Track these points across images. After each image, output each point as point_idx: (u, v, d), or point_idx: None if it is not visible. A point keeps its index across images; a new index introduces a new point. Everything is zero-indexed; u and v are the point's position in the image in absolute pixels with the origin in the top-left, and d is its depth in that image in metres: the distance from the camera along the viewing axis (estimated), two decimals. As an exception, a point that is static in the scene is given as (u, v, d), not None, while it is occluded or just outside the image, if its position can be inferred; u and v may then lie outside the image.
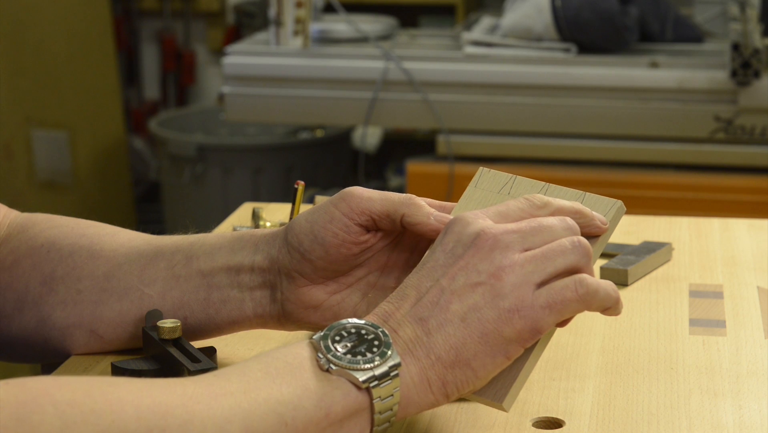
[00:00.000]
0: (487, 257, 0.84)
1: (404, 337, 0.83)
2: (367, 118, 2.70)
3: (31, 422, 0.69)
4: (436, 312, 0.83)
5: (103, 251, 1.02)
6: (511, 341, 0.83)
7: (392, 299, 0.85)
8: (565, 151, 2.66)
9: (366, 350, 0.81)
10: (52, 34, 3.66)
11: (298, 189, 1.16)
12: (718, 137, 2.58)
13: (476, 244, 0.84)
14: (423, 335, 0.82)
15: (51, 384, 0.72)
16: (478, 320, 0.83)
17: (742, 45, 2.47)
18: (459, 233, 0.85)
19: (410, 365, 0.82)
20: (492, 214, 0.87)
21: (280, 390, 0.78)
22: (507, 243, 0.84)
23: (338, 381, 0.80)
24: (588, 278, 0.85)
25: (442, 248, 0.85)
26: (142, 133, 4.11)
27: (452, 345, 0.82)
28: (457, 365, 0.83)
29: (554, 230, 0.86)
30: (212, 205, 3.40)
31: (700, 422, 0.92)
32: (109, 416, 0.71)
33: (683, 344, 1.07)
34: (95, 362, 1.02)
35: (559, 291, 0.84)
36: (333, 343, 0.81)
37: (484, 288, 0.83)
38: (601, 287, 0.85)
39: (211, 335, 1.01)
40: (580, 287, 0.84)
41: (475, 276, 0.83)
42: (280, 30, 2.76)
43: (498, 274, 0.83)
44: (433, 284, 0.84)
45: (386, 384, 0.80)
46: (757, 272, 1.26)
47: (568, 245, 0.85)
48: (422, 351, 0.82)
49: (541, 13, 2.64)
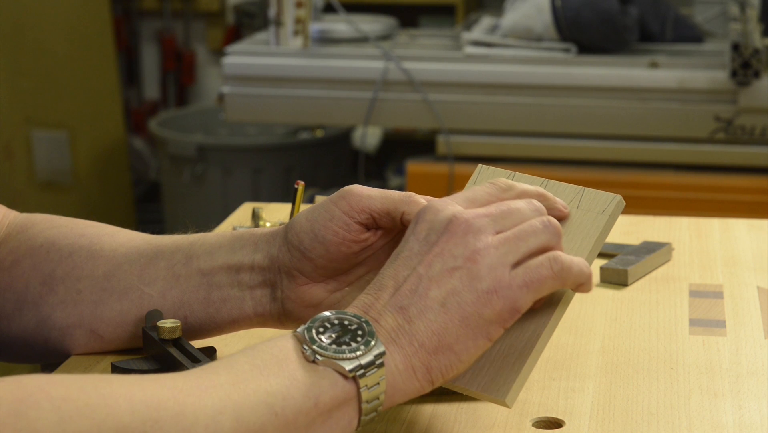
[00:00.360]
0: (461, 242, 0.84)
1: (386, 326, 0.83)
2: (367, 118, 2.70)
3: (28, 418, 0.69)
4: (415, 300, 0.83)
5: (102, 251, 1.02)
6: (491, 322, 0.84)
7: (370, 290, 0.86)
8: (565, 151, 2.66)
9: (350, 340, 0.81)
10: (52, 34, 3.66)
11: (298, 189, 1.16)
12: (718, 137, 2.59)
13: (449, 229, 0.85)
14: (405, 323, 0.83)
15: (45, 381, 0.72)
16: (458, 304, 0.83)
17: (742, 45, 2.47)
18: (431, 220, 0.86)
19: (394, 354, 0.82)
20: (461, 200, 0.88)
21: (268, 381, 0.79)
22: (479, 227, 0.85)
23: (325, 372, 0.80)
24: (561, 255, 0.86)
25: (415, 236, 0.86)
26: (142, 133, 4.11)
27: (434, 331, 0.83)
28: (440, 350, 0.83)
29: (523, 211, 0.87)
30: (212, 205, 3.41)
31: (700, 422, 0.92)
32: (103, 410, 0.72)
33: (683, 344, 1.07)
34: (95, 362, 1.02)
35: (534, 269, 0.85)
36: (317, 334, 0.81)
37: (461, 272, 0.84)
38: (574, 263, 0.86)
39: (212, 334, 1.01)
40: (554, 264, 0.85)
41: (452, 261, 0.84)
42: (280, 30, 2.76)
43: (473, 257, 0.84)
44: (411, 273, 0.84)
45: (372, 373, 0.81)
46: (757, 272, 1.26)
47: (539, 225, 0.86)
48: (405, 339, 0.83)
49: (541, 13, 2.64)
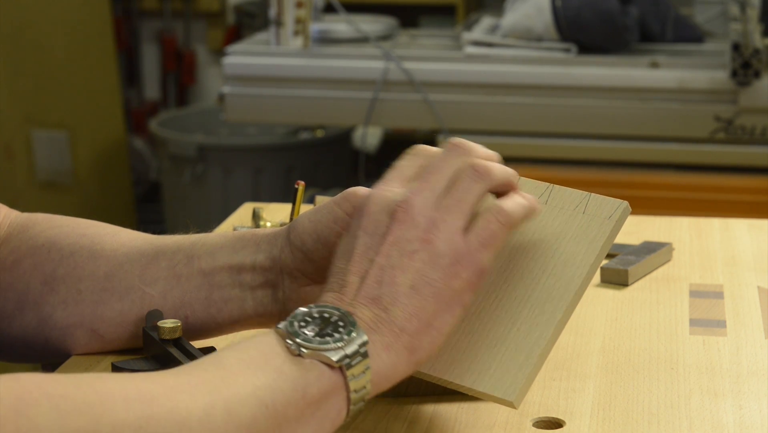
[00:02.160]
0: (411, 226, 0.86)
1: (364, 318, 0.84)
2: (367, 118, 2.70)
3: (28, 415, 0.70)
4: (385, 289, 0.85)
5: (103, 251, 1.02)
6: (462, 290, 0.86)
7: (332, 288, 0.87)
8: (565, 151, 2.66)
9: (333, 331, 0.82)
10: (52, 34, 3.66)
11: (298, 189, 1.16)
12: (719, 137, 2.58)
13: (396, 217, 0.87)
14: (381, 312, 0.85)
15: (42, 379, 0.73)
16: (427, 283, 0.85)
17: (743, 45, 2.47)
18: (375, 212, 0.88)
19: (377, 342, 0.84)
20: (394, 182, 0.90)
21: (256, 376, 0.79)
22: (422, 205, 0.87)
23: (311, 364, 0.81)
24: (504, 205, 0.88)
25: (363, 231, 0.87)
26: (142, 133, 4.11)
27: (412, 313, 0.85)
28: (422, 330, 0.85)
29: (450, 163, 0.90)
30: (212, 205, 3.40)
31: (700, 422, 0.92)
32: (100, 407, 0.72)
33: (683, 344, 1.07)
34: (95, 362, 1.02)
35: (485, 228, 0.87)
36: (300, 328, 0.82)
37: (420, 254, 0.86)
38: (517, 205, 0.89)
39: (212, 335, 1.01)
40: (500, 216, 0.88)
41: (408, 246, 0.86)
42: (281, 30, 2.76)
43: (427, 237, 0.86)
44: (370, 266, 0.86)
45: (357, 362, 0.82)
46: (757, 272, 1.26)
47: (468, 179, 0.88)
48: (385, 327, 0.84)
49: (542, 13, 2.64)
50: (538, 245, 0.94)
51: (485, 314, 0.92)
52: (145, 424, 0.73)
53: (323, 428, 0.81)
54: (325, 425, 0.81)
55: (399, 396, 0.95)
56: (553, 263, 0.92)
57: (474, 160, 0.90)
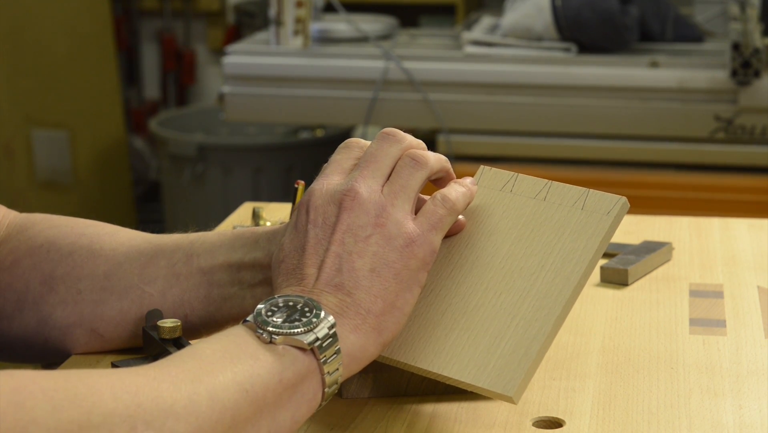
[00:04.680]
0: (361, 212, 0.89)
1: (329, 305, 0.87)
2: (367, 118, 2.70)
3: (25, 407, 0.72)
4: (345, 275, 0.88)
5: (103, 250, 1.02)
6: (418, 269, 0.90)
7: (290, 282, 0.89)
8: (565, 151, 2.66)
9: (301, 316, 0.84)
10: (52, 34, 3.66)
11: (298, 189, 1.16)
12: (718, 137, 2.58)
13: (344, 207, 0.89)
14: (346, 297, 0.87)
15: (35, 374, 0.75)
16: (386, 265, 0.88)
17: (742, 45, 2.47)
18: (321, 205, 0.90)
19: (345, 324, 0.86)
20: (333, 174, 0.92)
21: (233, 364, 0.81)
22: (368, 191, 0.90)
23: (284, 349, 0.83)
24: (447, 193, 0.93)
25: (312, 225, 0.90)
26: (142, 133, 4.11)
27: (375, 295, 0.88)
28: (386, 310, 0.88)
29: (387, 151, 0.92)
30: (212, 205, 3.40)
31: (700, 422, 0.92)
32: (90, 399, 0.74)
33: (683, 343, 1.07)
34: (95, 361, 1.02)
35: (432, 213, 0.91)
36: (268, 317, 0.84)
37: (375, 238, 0.89)
38: (459, 193, 0.93)
39: (212, 333, 1.00)
40: (445, 202, 0.92)
41: (361, 231, 0.89)
42: (280, 30, 2.76)
43: (379, 221, 0.89)
44: (326, 255, 0.88)
45: (328, 344, 0.84)
46: (757, 271, 1.26)
47: (408, 167, 0.92)
48: (351, 310, 0.87)
49: (541, 13, 2.64)
50: (536, 241, 0.94)
51: (484, 310, 0.92)
52: (134, 413, 0.75)
53: (300, 411, 0.83)
54: (302, 408, 0.84)
55: (399, 396, 0.95)
56: (551, 258, 0.93)
57: (411, 150, 0.93)
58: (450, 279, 0.94)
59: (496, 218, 0.97)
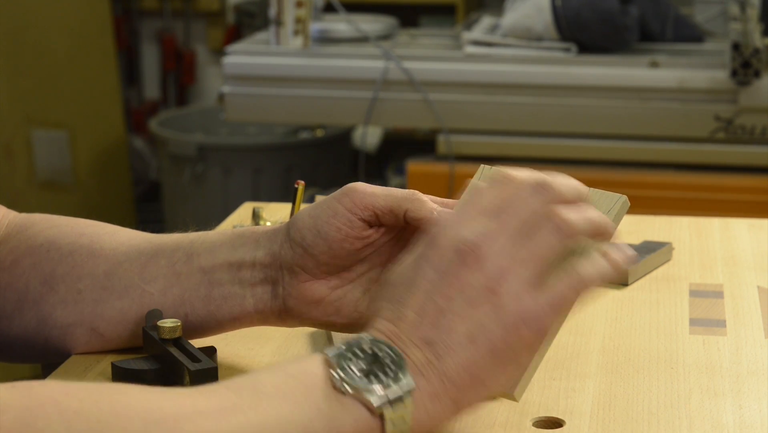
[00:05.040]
0: (479, 272, 0.82)
1: (414, 360, 0.81)
2: (367, 118, 2.70)
3: (35, 428, 0.68)
4: (442, 335, 0.81)
5: (103, 250, 1.02)
6: (520, 350, 0.82)
7: (387, 317, 0.83)
8: (565, 151, 2.66)
9: (380, 372, 0.79)
10: (52, 34, 3.66)
11: (298, 189, 1.17)
12: (718, 137, 2.58)
13: (465, 261, 0.82)
14: (434, 359, 0.81)
15: (58, 391, 0.71)
16: (486, 339, 0.81)
17: (743, 45, 2.47)
18: (445, 247, 0.83)
19: (423, 389, 0.80)
20: (469, 212, 0.84)
21: (290, 410, 0.77)
22: (494, 251, 0.82)
23: (351, 404, 0.78)
24: (584, 272, 0.83)
25: (428, 263, 0.83)
26: (142, 133, 4.11)
27: (464, 366, 0.81)
28: (471, 385, 0.81)
29: (528, 203, 0.83)
30: (212, 205, 3.40)
31: (700, 422, 0.92)
32: (115, 429, 0.70)
33: (683, 343, 1.07)
34: (95, 361, 1.02)
35: (558, 292, 0.82)
36: (348, 362, 0.79)
37: (484, 306, 0.81)
38: (598, 271, 0.83)
39: (212, 332, 1.01)
40: (578, 283, 0.83)
41: (472, 293, 0.81)
42: (280, 30, 2.76)
43: (494, 288, 0.81)
44: (429, 303, 0.82)
45: (399, 409, 0.79)
46: (757, 271, 1.26)
47: (547, 232, 0.82)
48: (434, 375, 0.81)
49: (541, 13, 2.64)
50: None
51: None
52: None
53: None
54: None
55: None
56: None
57: (558, 212, 0.83)
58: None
59: (496, 217, 0.96)
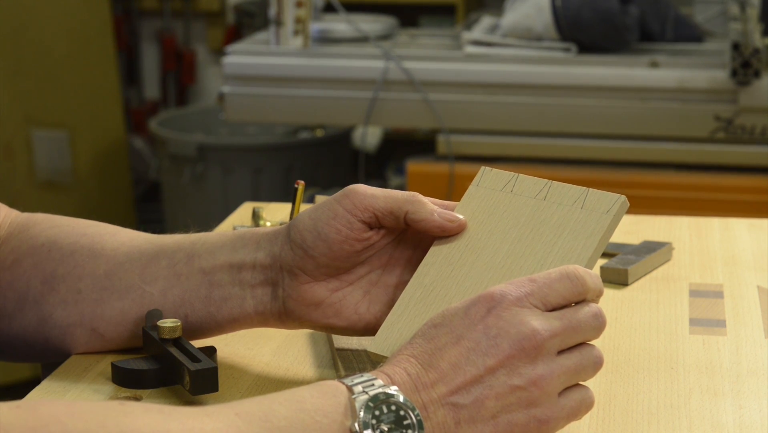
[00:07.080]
0: (531, 362, 0.83)
1: (434, 421, 0.81)
2: (367, 118, 2.70)
3: None
4: (471, 404, 0.82)
5: (104, 250, 1.02)
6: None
7: (421, 359, 0.83)
8: (565, 151, 2.66)
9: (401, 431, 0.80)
10: (52, 34, 3.66)
11: (298, 189, 1.17)
12: (718, 137, 2.58)
13: (522, 346, 0.83)
14: (452, 424, 0.82)
15: (64, 411, 0.70)
16: (508, 423, 0.83)
17: (742, 45, 2.47)
18: (506, 322, 0.84)
19: None
20: (536, 298, 0.85)
21: None
22: (549, 350, 0.84)
23: None
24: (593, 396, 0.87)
25: (484, 329, 0.84)
26: (142, 133, 4.11)
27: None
28: None
29: (586, 331, 0.87)
30: (212, 205, 3.40)
31: (700, 422, 0.92)
32: None
33: (683, 343, 1.07)
34: (95, 361, 1.02)
35: (576, 406, 0.85)
36: (372, 417, 0.79)
37: (521, 393, 0.83)
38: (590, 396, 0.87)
39: (212, 334, 1.01)
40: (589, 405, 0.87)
41: (516, 378, 0.83)
42: (280, 30, 2.76)
43: (538, 382, 0.83)
44: (469, 365, 0.83)
45: None
46: (757, 271, 1.26)
47: (590, 366, 0.86)
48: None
49: (541, 13, 2.64)
50: (536, 240, 0.94)
51: None
52: None
53: None
54: None
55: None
56: (551, 257, 0.93)
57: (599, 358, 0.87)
58: (450, 279, 0.94)
59: (497, 218, 0.97)
